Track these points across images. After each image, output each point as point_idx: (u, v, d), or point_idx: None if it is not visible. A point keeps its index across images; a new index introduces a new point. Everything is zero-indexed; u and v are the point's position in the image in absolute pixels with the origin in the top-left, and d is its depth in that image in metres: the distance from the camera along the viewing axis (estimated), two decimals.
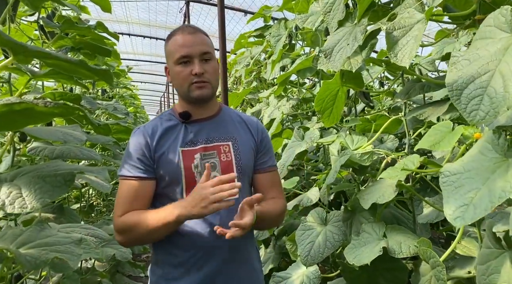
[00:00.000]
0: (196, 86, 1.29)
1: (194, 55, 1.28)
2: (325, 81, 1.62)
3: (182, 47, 1.27)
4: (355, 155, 1.55)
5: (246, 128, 1.46)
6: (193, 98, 1.31)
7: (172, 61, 1.30)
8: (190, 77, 1.28)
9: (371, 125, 2.00)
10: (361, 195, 1.43)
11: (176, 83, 1.34)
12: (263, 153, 1.47)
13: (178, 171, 1.32)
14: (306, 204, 1.93)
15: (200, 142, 1.35)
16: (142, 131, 1.34)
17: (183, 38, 1.29)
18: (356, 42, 1.35)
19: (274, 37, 2.30)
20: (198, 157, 1.34)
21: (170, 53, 1.32)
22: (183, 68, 1.28)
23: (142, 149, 1.31)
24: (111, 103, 2.73)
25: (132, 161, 1.31)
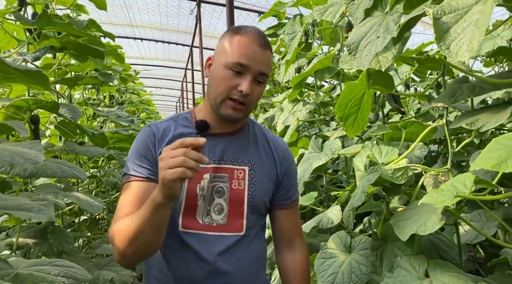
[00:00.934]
0: (232, 105, 1.09)
1: (251, 70, 1.07)
2: (348, 83, 1.35)
3: (245, 56, 1.07)
4: (386, 171, 1.28)
5: (270, 153, 1.25)
6: (222, 114, 1.12)
7: (224, 61, 1.09)
8: (232, 91, 1.08)
9: (401, 134, 1.73)
10: (396, 222, 1.16)
11: (213, 85, 1.11)
12: (287, 188, 1.27)
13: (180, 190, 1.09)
14: (326, 225, 1.66)
15: (213, 161, 1.14)
16: (152, 129, 1.15)
17: (251, 46, 1.08)
18: (388, 33, 1.08)
19: (288, 34, 2.05)
20: (206, 178, 1.13)
21: (226, 51, 1.10)
22: (232, 77, 1.07)
23: (149, 147, 1.12)
24: (113, 110, 2.52)
25: (137, 159, 1.11)
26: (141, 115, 7.14)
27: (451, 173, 1.28)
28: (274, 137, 1.32)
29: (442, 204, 0.98)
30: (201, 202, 1.12)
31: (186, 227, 1.12)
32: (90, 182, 2.93)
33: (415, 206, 1.22)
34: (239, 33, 1.10)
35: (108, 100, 4.17)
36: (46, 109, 1.31)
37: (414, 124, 1.73)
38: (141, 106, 7.07)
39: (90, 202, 1.59)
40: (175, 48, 8.37)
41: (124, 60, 3.02)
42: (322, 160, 1.51)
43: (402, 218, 1.17)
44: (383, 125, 1.61)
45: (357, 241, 1.46)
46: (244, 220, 1.17)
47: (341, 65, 1.46)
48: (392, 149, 1.54)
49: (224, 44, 1.11)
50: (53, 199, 1.52)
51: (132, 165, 1.10)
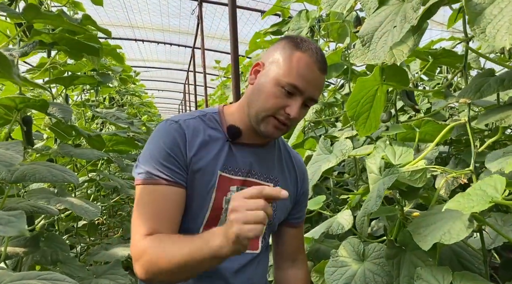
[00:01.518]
0: (275, 124, 0.99)
1: (303, 94, 0.97)
2: (360, 78, 1.25)
3: (303, 79, 0.96)
4: (403, 173, 1.18)
5: (293, 171, 1.17)
6: (261, 130, 1.01)
7: (277, 77, 0.96)
8: (279, 110, 0.97)
9: (414, 133, 1.62)
10: (415, 229, 1.06)
11: (260, 98, 0.99)
12: (301, 206, 1.21)
13: (207, 200, 0.99)
14: (336, 231, 1.56)
15: (241, 173, 1.04)
16: (181, 126, 0.99)
17: (311, 70, 0.97)
18: (406, 22, 0.98)
19: (293, 30, 1.96)
20: (233, 191, 1.02)
21: (284, 65, 0.97)
22: (282, 96, 0.96)
23: (179, 147, 0.97)
24: (111, 111, 2.42)
25: (165, 159, 0.95)
26: (143, 117, 7.06)
27: (474, 175, 1.18)
28: (295, 153, 1.24)
29: (470, 210, 0.88)
30: (224, 217, 1.02)
31: None
32: (89, 186, 2.83)
33: (435, 212, 1.12)
34: (300, 48, 0.98)
35: (108, 102, 4.08)
36: (34, 108, 1.22)
37: (429, 123, 1.63)
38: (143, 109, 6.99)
39: (85, 208, 1.49)
40: (177, 49, 8.28)
41: (123, 60, 2.93)
42: (332, 162, 1.41)
43: (422, 224, 1.07)
44: (396, 124, 1.51)
45: (370, 249, 1.35)
46: (260, 238, 1.11)
47: (352, 60, 1.37)
48: (406, 149, 1.44)
49: (280, 57, 0.98)
50: (44, 205, 1.42)
51: (157, 165, 0.94)
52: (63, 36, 1.50)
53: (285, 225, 1.21)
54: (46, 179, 1.15)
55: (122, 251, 2.29)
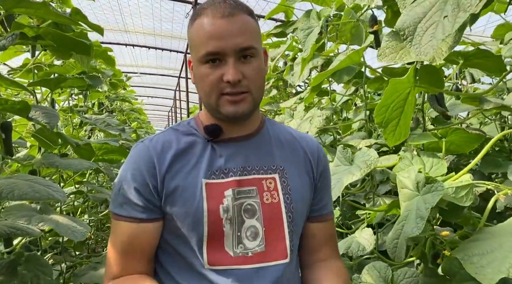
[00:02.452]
0: (229, 99, 0.85)
1: (227, 52, 0.83)
2: (393, 80, 1.09)
3: (210, 39, 0.83)
4: (446, 189, 1.02)
5: (301, 152, 0.98)
6: (224, 115, 0.88)
7: (196, 58, 0.87)
8: (220, 85, 0.85)
9: (438, 143, 1.46)
10: (466, 258, 0.89)
11: (199, 89, 0.89)
12: (322, 192, 1.01)
13: (199, 216, 0.85)
14: (357, 253, 1.39)
15: (233, 172, 0.90)
16: (146, 147, 0.90)
17: (213, 24, 0.83)
18: (462, 11, 0.83)
19: (303, 30, 1.80)
20: (229, 195, 0.88)
21: (193, 44, 0.89)
22: (211, 71, 0.84)
23: (143, 176, 0.87)
24: (101, 117, 2.23)
25: (128, 193, 0.88)
26: (132, 124, 6.84)
27: None
28: (301, 134, 1.06)
29: None
30: (228, 228, 0.87)
31: (213, 264, 0.86)
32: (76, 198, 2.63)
33: (488, 236, 0.95)
34: (197, 16, 0.88)
35: (97, 107, 3.88)
36: (13, 112, 1.03)
37: (457, 131, 1.47)
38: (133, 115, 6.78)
39: (72, 227, 1.30)
40: (168, 55, 8.09)
41: (114, 63, 2.74)
42: (356, 175, 1.24)
43: (474, 251, 0.90)
44: (425, 133, 1.35)
45: (400, 275, 1.18)
46: (286, 241, 0.91)
47: (380, 59, 1.21)
48: (438, 161, 1.29)
49: (189, 37, 0.91)
50: (25, 225, 1.23)
51: (123, 199, 0.88)
52: (49, 30, 1.32)
53: (310, 220, 1.00)
54: (27, 196, 0.96)
55: None
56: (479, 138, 1.52)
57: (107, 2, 5.45)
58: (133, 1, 5.43)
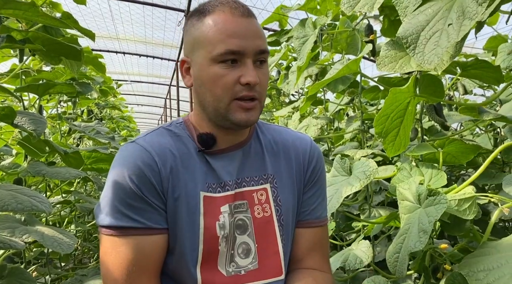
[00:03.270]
0: (243, 105, 0.79)
1: (248, 53, 0.77)
2: (393, 89, 1.07)
3: (232, 37, 0.76)
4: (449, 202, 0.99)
5: (293, 156, 0.92)
6: (233, 122, 0.80)
7: (208, 56, 0.78)
8: (235, 88, 0.77)
9: (437, 154, 1.44)
10: (471, 274, 0.86)
11: (206, 92, 0.80)
12: (317, 195, 0.93)
13: (195, 233, 0.79)
14: (354, 266, 1.35)
15: (229, 186, 0.83)
16: (142, 147, 0.79)
17: (234, 22, 0.77)
18: (467, 19, 0.81)
19: (298, 39, 1.78)
20: (226, 211, 0.81)
21: (204, 41, 0.78)
22: (227, 71, 0.77)
23: (147, 175, 0.77)
24: (91, 124, 2.18)
25: (132, 200, 0.75)
26: (122, 132, 6.75)
27: None
28: (297, 134, 0.99)
29: None
30: (223, 246, 0.81)
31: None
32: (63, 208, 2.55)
33: (492, 251, 0.92)
34: (207, 12, 0.80)
35: (86, 115, 3.81)
36: None
37: (455, 143, 1.46)
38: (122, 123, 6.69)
39: (58, 240, 1.24)
40: (160, 63, 8.03)
41: (105, 69, 2.69)
42: (355, 186, 1.21)
43: (479, 267, 0.87)
44: (424, 143, 1.33)
45: None
46: (280, 256, 0.86)
47: (379, 68, 1.19)
48: (437, 172, 1.26)
49: (196, 34, 0.81)
50: (7, 237, 1.16)
51: (125, 209, 0.75)
52: (38, 34, 1.27)
53: (299, 226, 0.93)
54: (9, 207, 0.90)
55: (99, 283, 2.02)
56: (475, 149, 1.51)
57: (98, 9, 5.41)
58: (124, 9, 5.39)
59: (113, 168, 0.79)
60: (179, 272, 0.82)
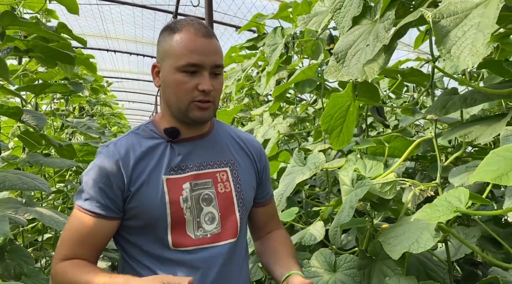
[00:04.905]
0: (199, 105, 1.01)
1: (205, 66, 1.00)
2: (334, 94, 1.30)
3: (192, 53, 0.98)
4: (374, 185, 1.23)
5: (246, 150, 1.18)
6: (191, 119, 1.03)
7: (173, 65, 1.00)
8: (193, 93, 1.00)
9: (383, 148, 1.68)
10: (385, 240, 1.10)
11: (170, 94, 1.02)
12: (265, 183, 1.22)
13: (162, 207, 1.01)
14: (309, 242, 1.58)
15: (190, 168, 1.06)
16: (112, 152, 1.01)
17: (196, 41, 0.99)
18: (378, 41, 1.04)
19: (269, 46, 2.01)
20: (187, 188, 1.04)
21: (171, 53, 1.00)
22: (188, 79, 0.99)
23: (109, 177, 0.99)
24: (83, 120, 2.38)
25: (92, 190, 0.99)
26: (113, 128, 6.93)
27: (440, 188, 1.24)
28: (244, 133, 1.26)
29: (437, 220, 0.93)
30: (189, 215, 1.03)
31: (177, 246, 1.02)
32: (56, 198, 2.75)
33: (404, 223, 1.16)
34: (177, 30, 1.01)
35: (78, 111, 4.00)
36: (7, 115, 1.19)
37: (398, 138, 1.70)
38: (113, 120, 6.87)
39: (55, 218, 1.45)
40: (150, 61, 8.22)
41: (96, 70, 2.89)
42: (305, 174, 1.44)
43: (391, 235, 1.11)
44: (368, 139, 1.56)
45: (342, 260, 1.38)
46: (238, 223, 1.10)
47: (326, 76, 1.42)
48: (376, 163, 1.50)
49: (166, 47, 1.02)
50: (12, 215, 1.38)
51: (86, 195, 0.99)
52: (37, 43, 1.48)
53: (257, 205, 1.22)
54: (16, 186, 1.12)
55: None
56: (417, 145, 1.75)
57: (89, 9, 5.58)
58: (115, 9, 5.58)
59: (91, 164, 1.03)
60: (154, 240, 1.02)
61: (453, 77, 1.17)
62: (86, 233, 1.00)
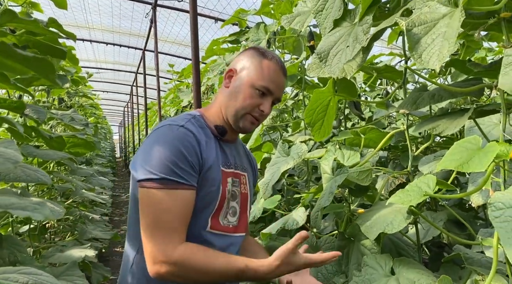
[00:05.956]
0: (252, 120, 1.17)
1: (273, 95, 1.17)
2: (316, 90, 1.41)
3: (272, 82, 1.16)
4: (352, 173, 1.35)
5: (251, 160, 1.38)
6: (239, 126, 1.17)
7: (252, 81, 1.14)
8: (255, 109, 1.16)
9: (360, 139, 1.82)
10: (362, 222, 1.23)
11: (236, 99, 1.15)
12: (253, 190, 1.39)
13: (217, 193, 1.13)
14: (291, 226, 1.70)
15: (232, 166, 1.21)
16: (191, 132, 1.08)
17: (278, 74, 1.17)
18: (357, 43, 1.15)
19: (253, 41, 2.10)
20: (230, 182, 1.18)
21: (257, 72, 1.15)
22: (256, 96, 1.15)
23: (196, 152, 1.06)
24: (68, 112, 2.42)
25: (182, 162, 1.02)
26: (90, 119, 6.87)
27: (411, 175, 1.38)
28: (244, 145, 1.43)
29: (409, 203, 1.06)
30: (225, 205, 1.16)
31: (213, 228, 1.14)
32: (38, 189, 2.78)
33: (379, 207, 1.29)
34: (266, 57, 1.17)
35: (57, 103, 3.98)
36: (10, 109, 1.24)
37: (373, 130, 1.83)
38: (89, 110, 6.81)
39: (51, 208, 1.52)
40: (126, 51, 8.15)
41: (78, 62, 2.91)
42: (290, 164, 1.56)
43: (368, 218, 1.24)
44: (346, 131, 1.69)
45: (322, 241, 1.51)
46: (247, 220, 1.27)
47: (308, 72, 1.52)
48: (354, 153, 1.62)
49: (254, 63, 1.16)
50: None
51: (177, 169, 1.01)
52: (30, 38, 1.52)
53: None
54: (20, 178, 1.18)
55: (78, 253, 2.29)
56: (391, 136, 1.89)
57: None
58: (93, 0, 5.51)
59: (164, 140, 1.04)
60: (198, 219, 1.11)
61: (423, 77, 1.30)
62: (183, 208, 1.02)
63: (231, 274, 1.01)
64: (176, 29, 6.31)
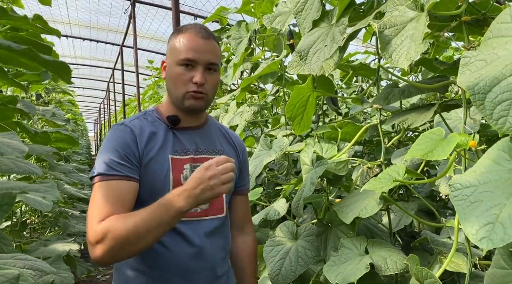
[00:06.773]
0: (192, 95, 1.17)
1: (200, 62, 1.16)
2: (296, 86, 1.50)
3: (190, 50, 1.15)
4: (330, 164, 1.45)
5: (231, 142, 1.38)
6: (185, 106, 1.19)
7: (174, 60, 1.18)
8: (189, 84, 1.17)
9: (337, 133, 1.92)
10: (339, 208, 1.33)
11: (171, 84, 1.20)
12: (244, 174, 1.41)
13: (167, 181, 1.16)
14: (273, 217, 1.80)
15: (190, 152, 1.23)
16: (129, 127, 1.16)
17: (194, 41, 1.17)
18: (334, 43, 1.25)
19: (235, 39, 2.17)
20: (188, 168, 1.20)
21: (174, 50, 1.19)
22: (184, 72, 1.16)
23: (130, 146, 1.13)
24: (49, 108, 2.43)
25: (116, 157, 1.10)
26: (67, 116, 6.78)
27: (384, 165, 1.49)
28: (229, 130, 1.45)
29: (381, 189, 1.16)
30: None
31: None
32: None
33: (354, 195, 1.40)
34: (181, 31, 1.20)
35: (35, 99, 3.94)
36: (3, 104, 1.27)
37: (349, 124, 1.94)
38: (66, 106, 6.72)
39: (39, 201, 1.55)
40: (103, 47, 8.06)
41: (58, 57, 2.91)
42: (272, 156, 1.64)
43: (344, 204, 1.34)
44: (324, 125, 1.78)
45: (302, 229, 1.61)
46: (224, 202, 1.29)
47: (289, 70, 1.61)
48: (331, 146, 1.72)
49: (171, 44, 1.21)
50: None
51: (111, 164, 1.09)
52: (16, 34, 1.56)
53: (236, 193, 1.39)
54: (12, 170, 1.22)
55: (62, 247, 2.32)
56: (365, 130, 2.00)
57: None
58: None
59: (108, 139, 1.14)
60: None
61: (395, 75, 1.41)
62: (119, 196, 1.07)
63: (155, 219, 0.98)
64: (155, 25, 6.30)
